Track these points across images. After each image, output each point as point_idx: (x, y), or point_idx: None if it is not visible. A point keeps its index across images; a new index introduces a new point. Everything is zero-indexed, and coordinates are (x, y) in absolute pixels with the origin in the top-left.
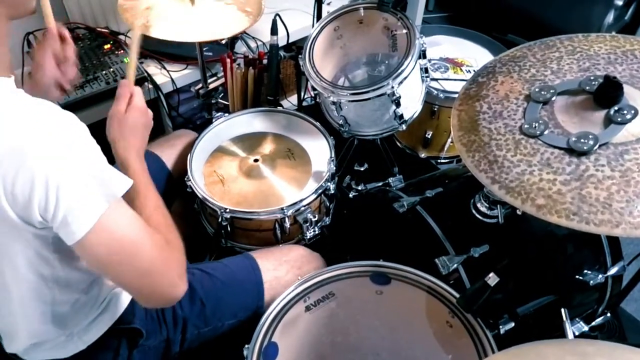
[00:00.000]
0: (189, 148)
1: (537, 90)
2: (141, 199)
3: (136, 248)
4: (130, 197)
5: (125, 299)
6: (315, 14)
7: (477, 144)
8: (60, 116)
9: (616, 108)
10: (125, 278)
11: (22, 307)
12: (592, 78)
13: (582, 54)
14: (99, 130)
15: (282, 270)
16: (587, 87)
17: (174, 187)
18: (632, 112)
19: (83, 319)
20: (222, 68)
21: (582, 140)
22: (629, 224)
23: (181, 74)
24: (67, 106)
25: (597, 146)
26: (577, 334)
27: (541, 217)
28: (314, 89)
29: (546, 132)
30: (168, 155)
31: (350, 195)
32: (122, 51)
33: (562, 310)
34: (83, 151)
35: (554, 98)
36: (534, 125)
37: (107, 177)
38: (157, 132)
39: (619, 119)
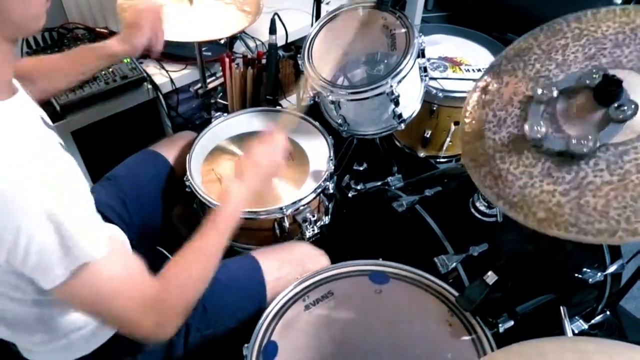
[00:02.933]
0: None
1: (539, 91)
2: (205, 239)
3: (108, 301)
4: (200, 232)
5: None
6: (314, 13)
7: (484, 157)
8: (49, 161)
9: (616, 105)
10: (101, 320)
11: (5, 323)
12: (592, 73)
13: (588, 38)
14: (99, 130)
15: (285, 270)
16: (588, 82)
17: (177, 187)
18: (633, 107)
19: (82, 328)
20: (221, 68)
21: (582, 142)
22: (625, 232)
23: (180, 74)
24: (66, 106)
25: (597, 147)
26: (576, 332)
27: (542, 230)
28: (313, 88)
29: (547, 137)
30: (170, 154)
31: (350, 195)
32: None
33: (562, 308)
34: (62, 201)
35: (555, 95)
36: (535, 129)
37: (82, 239)
38: (156, 133)
39: (620, 116)
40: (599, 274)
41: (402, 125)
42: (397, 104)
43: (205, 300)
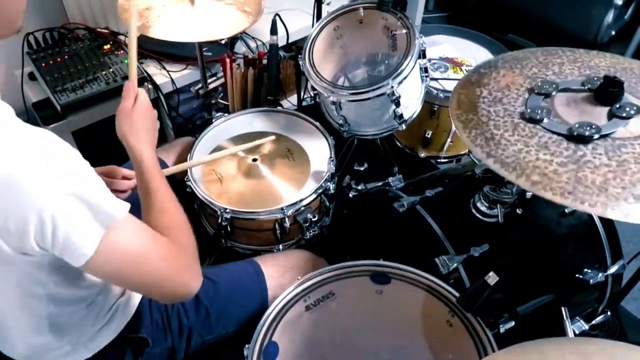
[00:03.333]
0: (188, 150)
1: (539, 83)
2: (152, 193)
3: (141, 262)
4: (143, 193)
5: (132, 307)
6: (315, 13)
7: (475, 122)
8: (52, 144)
9: (617, 106)
10: (135, 287)
11: (15, 321)
12: (594, 78)
13: (583, 64)
14: (99, 130)
15: (287, 277)
16: (589, 85)
17: (177, 191)
18: (635, 108)
19: (89, 328)
20: (221, 68)
21: (585, 127)
22: (620, 209)
23: (181, 74)
24: (67, 107)
25: (598, 135)
26: (577, 332)
27: (535, 192)
28: (313, 88)
29: (546, 120)
30: (168, 157)
31: (350, 195)
32: (122, 51)
33: (563, 309)
34: (77, 179)
35: (554, 93)
36: (536, 111)
37: (105, 203)
38: (158, 133)
39: (623, 114)
40: (600, 274)
41: (403, 126)
42: (398, 104)
43: (208, 305)
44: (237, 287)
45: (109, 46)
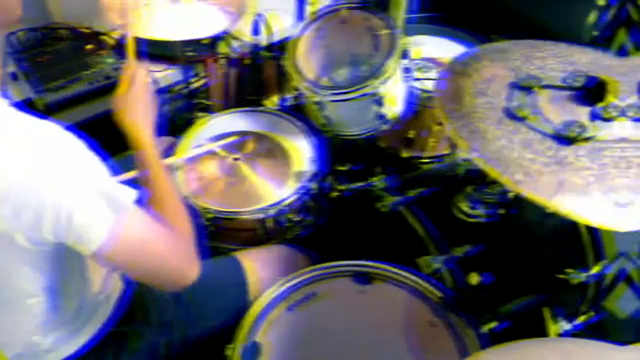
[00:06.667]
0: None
1: (522, 77)
2: (153, 180)
3: (150, 249)
4: (144, 178)
5: (111, 303)
6: (298, 14)
7: (459, 113)
8: (58, 136)
9: (600, 106)
10: (141, 275)
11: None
12: (576, 74)
13: (564, 59)
14: (81, 131)
15: (267, 271)
16: (571, 82)
17: None
18: (617, 109)
19: (72, 325)
20: (204, 68)
21: (570, 127)
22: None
23: (164, 74)
24: (50, 107)
25: (585, 132)
26: (560, 332)
27: (516, 189)
28: (296, 88)
29: (530, 117)
30: None
31: (333, 195)
32: (104, 51)
33: (545, 309)
34: (86, 169)
35: (539, 86)
36: (519, 107)
37: (114, 190)
38: None
39: (604, 116)
40: (583, 274)
41: (386, 126)
42: (380, 104)
43: (188, 300)
44: (216, 281)
45: (91, 46)
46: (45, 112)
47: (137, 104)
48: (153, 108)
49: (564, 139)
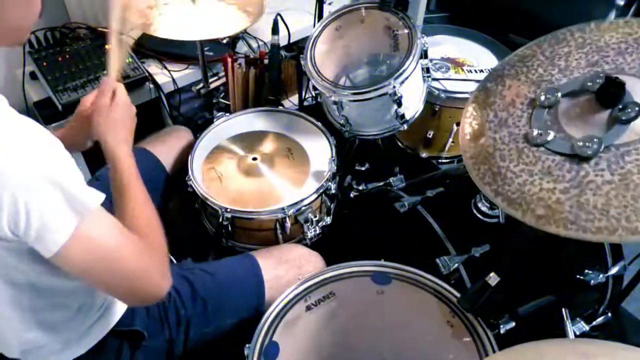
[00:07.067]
0: (181, 143)
1: (542, 94)
2: (127, 194)
3: (114, 257)
4: (117, 193)
5: (123, 304)
6: (317, 13)
7: (483, 155)
8: (31, 131)
9: (620, 107)
10: (105, 285)
11: (2, 317)
12: (595, 77)
13: (591, 47)
14: None
15: (282, 269)
16: (590, 84)
17: (170, 184)
18: (637, 109)
19: (79, 325)
20: (223, 68)
21: (587, 144)
22: (625, 230)
23: (182, 74)
24: (68, 105)
25: (601, 149)
26: (577, 333)
27: (541, 227)
28: (315, 88)
29: (550, 139)
30: (161, 152)
31: (351, 195)
32: None
33: (563, 310)
34: (53, 165)
35: (558, 100)
36: (538, 133)
37: (79, 192)
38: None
39: (623, 118)
40: (601, 275)
41: (405, 126)
42: (399, 104)
43: (206, 297)
44: (233, 279)
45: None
46: (64, 111)
47: (117, 120)
48: (133, 122)
49: (582, 159)
